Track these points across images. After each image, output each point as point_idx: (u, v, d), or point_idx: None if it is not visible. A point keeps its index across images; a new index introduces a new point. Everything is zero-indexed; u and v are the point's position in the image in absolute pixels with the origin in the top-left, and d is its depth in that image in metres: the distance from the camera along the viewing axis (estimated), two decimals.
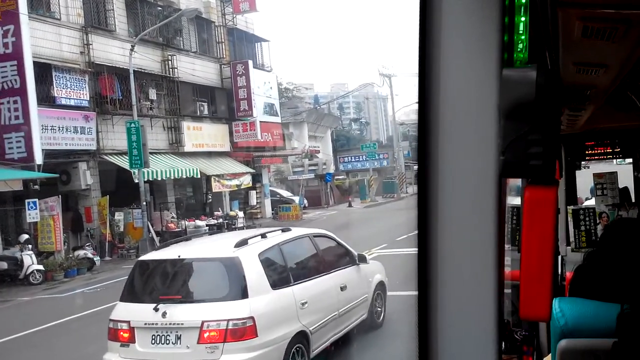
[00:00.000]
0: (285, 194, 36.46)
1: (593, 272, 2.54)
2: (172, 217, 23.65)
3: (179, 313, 6.43)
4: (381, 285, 9.51)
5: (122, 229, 21.63)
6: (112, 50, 22.67)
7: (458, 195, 1.05)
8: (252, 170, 29.36)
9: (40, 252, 18.47)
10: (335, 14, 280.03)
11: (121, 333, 6.61)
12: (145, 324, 6.50)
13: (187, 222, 23.38)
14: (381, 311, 9.49)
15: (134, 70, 21.72)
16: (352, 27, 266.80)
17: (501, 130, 1.00)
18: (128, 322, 6.59)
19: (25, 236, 17.85)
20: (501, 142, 1.00)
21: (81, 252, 19.10)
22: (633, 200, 5.89)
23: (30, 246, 17.62)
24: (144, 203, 20.82)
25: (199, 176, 25.03)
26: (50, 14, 20.74)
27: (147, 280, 7.08)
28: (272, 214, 31.70)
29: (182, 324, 6.38)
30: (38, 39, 19.54)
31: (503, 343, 1.77)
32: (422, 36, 1.05)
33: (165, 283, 7.01)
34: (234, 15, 30.46)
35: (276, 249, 7.36)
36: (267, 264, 7.05)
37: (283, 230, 8.00)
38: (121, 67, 22.19)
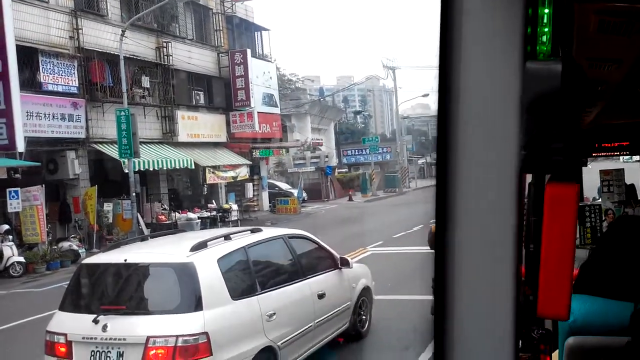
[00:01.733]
0: (284, 186, 35.75)
1: (598, 269, 2.55)
2: (164, 209, 22.91)
3: (122, 326, 5.59)
4: (366, 291, 8.67)
5: (110, 220, 20.93)
6: (103, 36, 21.91)
7: (477, 189, 1.04)
8: (249, 162, 28.58)
9: (23, 243, 17.78)
10: (342, 4, 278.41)
11: (58, 347, 5.78)
12: (84, 337, 5.67)
13: (178, 214, 22.62)
14: (366, 320, 8.65)
15: (126, 57, 21.04)
16: (358, 18, 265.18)
17: (523, 125, 0.99)
18: (65, 335, 5.76)
19: (5, 227, 17.17)
20: (523, 136, 0.98)
21: (65, 244, 18.42)
22: (639, 198, 5.88)
23: (10, 237, 16.95)
24: (134, 194, 20.09)
25: (193, 167, 24.30)
26: None
27: (89, 287, 6.23)
28: (270, 207, 30.97)
29: (124, 339, 5.54)
30: (24, 22, 18.76)
31: (520, 341, 1.66)
32: (443, 27, 1.03)
33: (109, 291, 6.15)
34: (233, 3, 29.63)
35: (241, 253, 6.49)
36: (229, 270, 6.19)
37: (252, 231, 7.12)
38: (113, 53, 21.42)
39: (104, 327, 5.56)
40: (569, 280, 1.04)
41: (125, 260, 6.01)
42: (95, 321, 5.59)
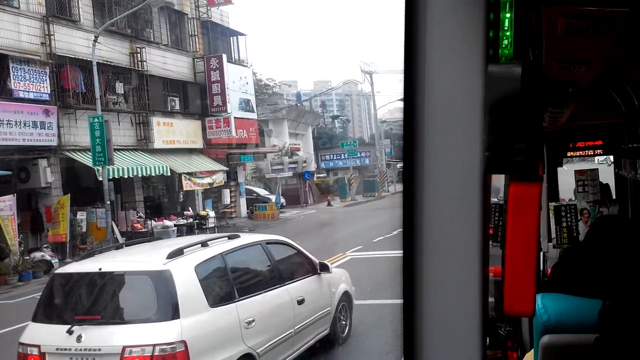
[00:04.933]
0: (263, 192, 35.58)
1: (569, 268, 2.60)
2: (139, 217, 22.59)
3: (97, 337, 5.48)
4: (346, 296, 8.63)
5: (84, 229, 20.55)
6: (75, 42, 21.58)
7: (443, 191, 1.05)
8: (225, 168, 28.35)
9: None
10: (319, 9, 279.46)
11: (31, 359, 5.63)
12: (57, 349, 5.53)
13: (154, 222, 22.33)
14: (346, 324, 8.60)
15: (99, 63, 20.76)
16: (335, 23, 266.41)
17: (486, 127, 1.00)
18: (38, 346, 5.62)
19: None
20: (486, 138, 0.99)
21: (38, 254, 18.04)
22: (614, 197, 5.94)
23: None
24: (108, 202, 19.76)
25: (169, 174, 24.02)
26: (8, 2, 19.56)
27: (62, 297, 6.08)
28: (248, 213, 30.77)
29: (99, 349, 5.42)
30: None
31: (487, 339, 1.65)
32: (408, 32, 1.05)
33: (83, 301, 6.02)
34: (208, 8, 29.44)
35: (218, 260, 6.40)
36: (206, 277, 6.11)
37: (230, 237, 7.03)
38: (85, 59, 21.10)
39: (79, 338, 5.44)
40: (534, 277, 1.05)
41: (100, 269, 5.89)
42: (70, 332, 5.47)
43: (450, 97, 1.04)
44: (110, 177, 20.21)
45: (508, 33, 1.03)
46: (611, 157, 6.68)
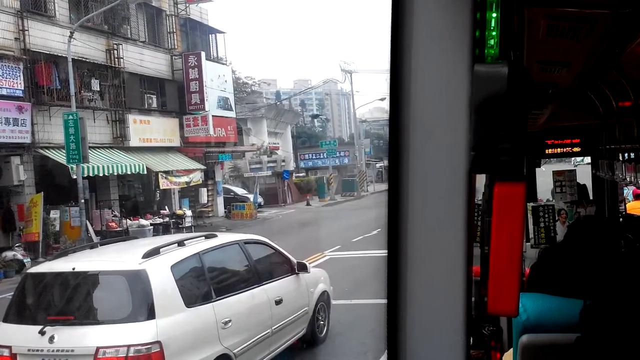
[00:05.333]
0: (240, 191, 35.38)
1: (548, 268, 2.60)
2: (114, 216, 22.29)
3: (70, 337, 5.39)
4: (325, 296, 8.61)
5: (57, 228, 20.19)
6: (50, 37, 21.20)
7: (429, 190, 1.05)
8: (203, 167, 28.12)
9: None
10: (299, 7, 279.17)
11: None
12: (29, 350, 5.42)
13: (130, 221, 22.05)
14: (324, 325, 8.58)
15: (74, 59, 20.40)
16: (315, 22, 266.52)
17: (472, 126, 1.00)
18: (9, 347, 5.49)
19: None
20: (472, 137, 1.00)
21: (9, 254, 17.68)
22: (591, 198, 5.99)
23: None
24: (82, 200, 19.46)
25: (145, 172, 23.75)
26: None
27: (34, 297, 5.96)
28: (225, 212, 30.56)
29: (72, 350, 5.33)
30: None
31: (471, 338, 1.65)
32: (394, 31, 1.05)
33: (56, 301, 5.90)
34: (187, 5, 29.17)
35: (195, 259, 6.33)
36: (183, 277, 6.04)
37: (207, 237, 6.96)
38: (60, 55, 20.77)
39: (51, 339, 5.34)
40: (518, 277, 1.05)
41: (74, 268, 5.79)
42: (42, 332, 5.36)
43: (436, 96, 1.04)
44: (85, 175, 19.91)
45: (494, 33, 1.03)
46: (587, 158, 6.78)
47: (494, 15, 1.03)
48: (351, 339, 8.74)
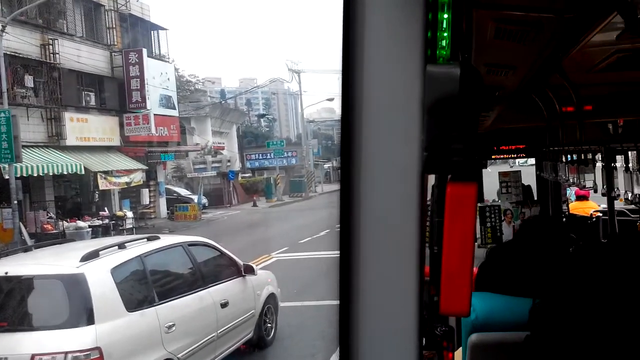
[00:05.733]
0: (184, 192, 34.74)
1: (496, 267, 2.60)
2: (50, 218, 21.44)
3: (3, 345, 5.13)
4: (272, 298, 8.53)
5: None
6: None
7: (381, 190, 1.05)
8: (144, 167, 27.43)
9: None
10: (244, 5, 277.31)
11: None
12: None
13: (67, 223, 21.26)
14: (271, 327, 8.49)
15: (6, 54, 19.58)
16: (261, 20, 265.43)
17: (424, 127, 1.00)
18: None
19: None
20: (424, 138, 1.00)
21: None
22: (535, 198, 6.10)
23: None
24: (15, 202, 18.64)
25: (83, 172, 22.94)
26: None
27: None
28: (168, 213, 29.93)
29: (6, 358, 5.07)
30: None
31: (423, 339, 1.73)
32: (346, 30, 1.04)
33: None
34: (127, 0, 28.38)
35: (137, 262, 6.13)
36: (123, 280, 5.84)
37: (149, 239, 6.76)
38: None
39: None
40: (469, 277, 1.05)
41: (6, 273, 5.53)
42: None
43: (388, 96, 1.04)
44: (18, 176, 19.13)
45: (445, 34, 1.03)
46: (531, 160, 6.99)
47: (446, 16, 1.03)
48: (300, 341, 8.69)
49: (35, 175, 20.80)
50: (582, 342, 1.81)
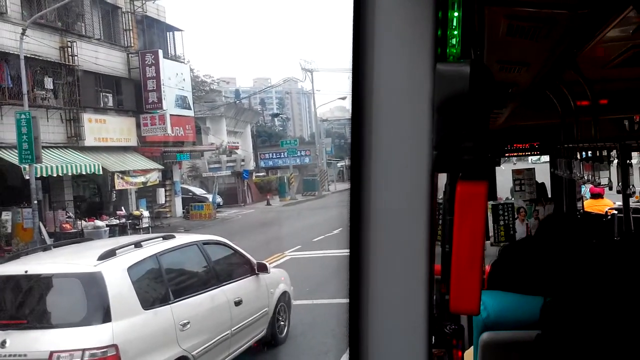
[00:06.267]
0: (199, 191, 34.93)
1: (508, 266, 2.61)
2: (68, 217, 21.72)
3: (23, 342, 5.23)
4: (285, 296, 8.57)
5: (9, 230, 19.59)
6: (1, 34, 20.54)
7: (391, 189, 1.05)
8: (160, 167, 27.65)
9: None
10: (258, 5, 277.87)
11: None
12: None
13: (85, 222, 21.52)
14: (284, 325, 8.55)
15: (27, 57, 19.81)
16: (275, 20, 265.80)
17: (434, 125, 1.00)
18: None
19: None
20: (434, 136, 1.00)
21: None
22: (550, 196, 6.04)
23: None
24: (35, 202, 18.87)
25: (100, 172, 23.20)
26: None
27: None
28: (183, 213, 30.13)
29: (25, 355, 5.17)
30: None
31: (433, 337, 1.72)
32: (356, 29, 1.04)
33: (7, 305, 5.72)
34: (144, 2, 28.64)
35: (152, 261, 6.22)
36: (140, 279, 5.93)
37: (165, 238, 6.85)
38: (12, 52, 20.11)
39: (3, 343, 5.19)
40: (480, 275, 1.05)
41: (26, 271, 5.64)
42: None
43: (398, 95, 1.04)
44: (38, 176, 19.31)
45: (456, 32, 1.04)
46: (544, 157, 6.91)
47: (456, 14, 1.03)
48: (312, 339, 8.73)
49: (55, 175, 21.07)
50: (593, 340, 1.82)
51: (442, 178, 2.26)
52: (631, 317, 1.81)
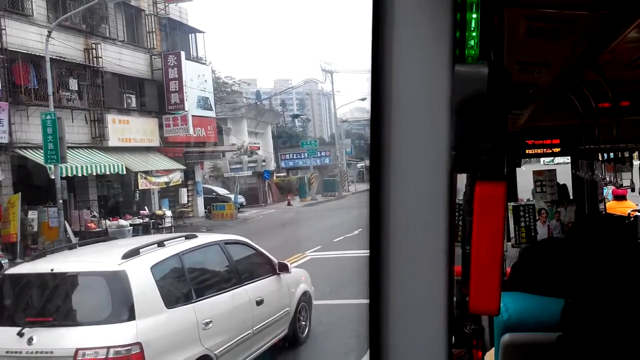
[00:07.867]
0: (222, 191, 35.17)
1: (529, 267, 2.61)
2: (93, 216, 22.05)
3: (49, 339, 5.34)
4: (306, 296, 8.61)
5: (35, 229, 19.93)
6: (28, 36, 20.89)
7: (410, 190, 1.06)
8: (182, 167, 27.93)
9: None
10: (279, 7, 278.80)
11: None
12: (8, 352, 5.35)
13: (109, 222, 21.83)
14: (305, 325, 8.58)
15: (52, 59, 20.18)
16: (296, 21, 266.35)
17: (453, 126, 1.01)
18: None
19: None
20: (453, 137, 1.01)
21: None
22: (571, 197, 6.00)
23: None
24: (61, 201, 19.21)
25: (124, 172, 23.53)
26: None
27: (12, 298, 5.89)
28: (205, 212, 30.37)
29: (51, 352, 5.27)
30: None
31: (453, 337, 1.68)
32: (375, 31, 1.05)
33: (34, 303, 5.85)
34: (166, 4, 28.96)
35: (175, 260, 6.30)
36: (163, 278, 6.01)
37: (187, 237, 6.93)
38: (38, 54, 20.46)
39: (30, 340, 5.29)
40: (499, 276, 1.05)
41: (52, 269, 5.74)
42: (20, 334, 5.30)
43: (417, 96, 1.05)
44: (63, 176, 19.66)
45: (474, 33, 1.04)
46: (565, 158, 6.83)
47: (474, 16, 1.04)
48: (333, 339, 8.76)
49: (80, 175, 21.41)
50: (614, 342, 1.81)
51: (462, 179, 2.27)
52: None
